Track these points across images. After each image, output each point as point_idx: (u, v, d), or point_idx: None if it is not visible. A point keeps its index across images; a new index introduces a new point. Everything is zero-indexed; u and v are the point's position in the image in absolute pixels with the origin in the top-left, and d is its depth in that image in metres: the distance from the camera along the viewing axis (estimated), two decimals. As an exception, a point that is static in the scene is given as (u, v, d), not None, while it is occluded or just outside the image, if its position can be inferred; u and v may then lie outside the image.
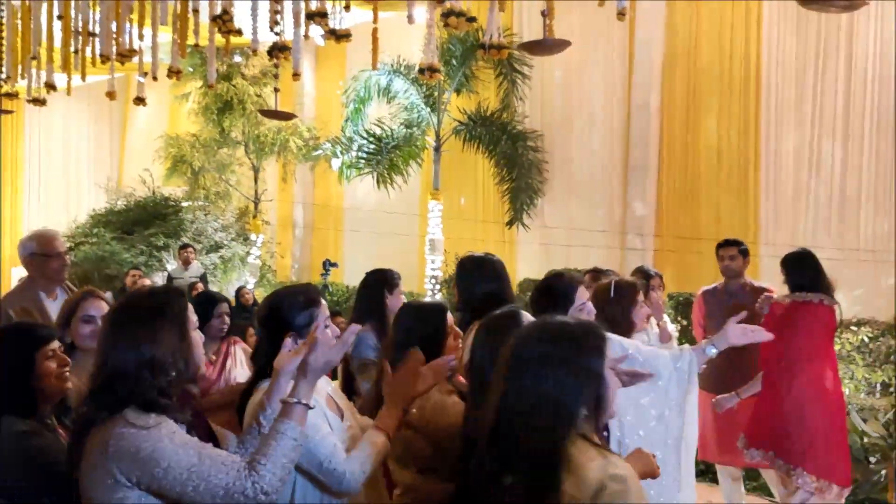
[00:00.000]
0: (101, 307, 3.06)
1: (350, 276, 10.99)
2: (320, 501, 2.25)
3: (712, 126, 9.03)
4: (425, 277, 10.16)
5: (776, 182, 8.62)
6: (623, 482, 1.59)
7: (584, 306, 3.07)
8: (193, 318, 2.01)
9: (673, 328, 4.84)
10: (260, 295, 10.52)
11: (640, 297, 3.34)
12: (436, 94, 9.86)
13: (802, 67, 8.41)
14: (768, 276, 5.25)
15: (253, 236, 12.68)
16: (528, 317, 2.42)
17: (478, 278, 3.39)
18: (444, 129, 10.04)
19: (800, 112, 8.46)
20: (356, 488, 2.20)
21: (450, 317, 2.84)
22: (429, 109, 9.93)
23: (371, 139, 10.05)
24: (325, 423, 2.23)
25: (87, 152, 15.38)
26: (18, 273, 8.39)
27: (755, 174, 8.70)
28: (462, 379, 2.82)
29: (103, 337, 1.95)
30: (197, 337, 2.00)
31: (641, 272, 4.85)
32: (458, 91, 9.92)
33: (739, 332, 2.87)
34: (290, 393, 1.94)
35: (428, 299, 8.29)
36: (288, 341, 2.31)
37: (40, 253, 3.85)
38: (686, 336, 6.77)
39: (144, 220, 12.37)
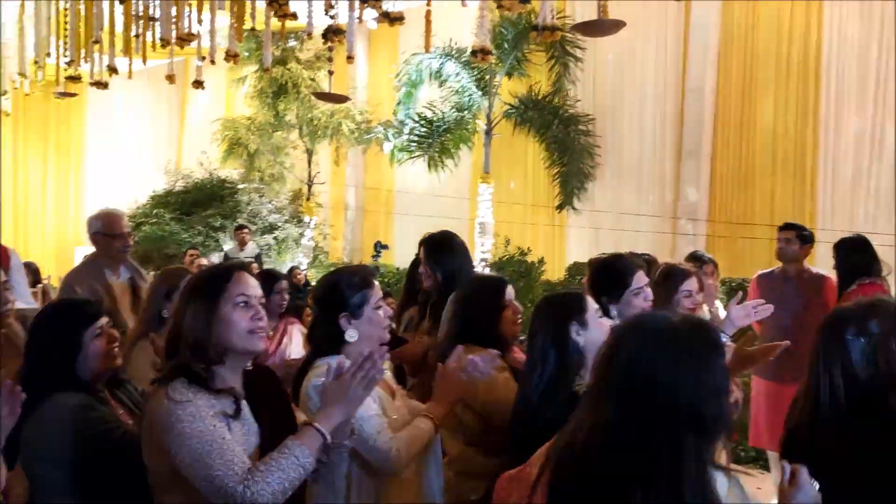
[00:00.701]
0: None
1: (400, 258, 11.08)
2: (371, 482, 2.30)
3: (769, 109, 8.85)
4: (475, 261, 10.18)
5: (835, 167, 8.42)
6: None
7: (641, 291, 2.98)
8: (257, 292, 2.02)
9: (724, 314, 4.77)
10: (312, 276, 10.70)
11: (691, 284, 3.28)
12: (487, 77, 9.85)
13: (865, 50, 8.17)
14: (824, 263, 5.13)
15: (306, 218, 12.87)
16: (589, 301, 2.44)
17: (447, 255, 3.35)
18: (495, 112, 10.03)
19: (861, 95, 8.23)
20: (399, 468, 2.25)
21: (509, 291, 2.88)
22: (480, 93, 9.92)
23: (422, 123, 10.10)
24: (375, 403, 2.27)
25: (147, 135, 15.76)
26: (82, 252, 8.68)
27: (813, 159, 8.52)
28: (518, 356, 2.85)
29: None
30: (232, 314, 1.96)
31: (695, 258, 4.79)
32: (509, 74, 9.89)
33: (742, 314, 2.86)
34: (318, 413, 1.94)
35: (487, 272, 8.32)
36: (342, 321, 2.39)
37: (105, 232, 3.99)
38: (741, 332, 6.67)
39: (202, 202, 12.65)
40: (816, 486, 1.63)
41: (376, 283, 2.51)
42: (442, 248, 3.37)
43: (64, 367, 2.30)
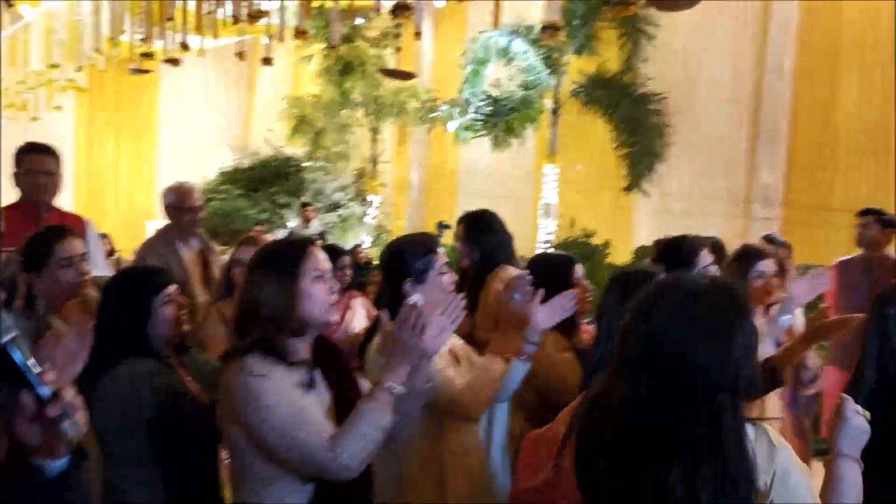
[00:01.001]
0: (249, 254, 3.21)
1: (463, 238, 11.04)
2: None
3: (852, 90, 8.47)
4: (537, 243, 10.10)
5: (921, 150, 8.01)
6: (787, 457, 1.48)
7: (706, 270, 2.97)
8: (329, 266, 2.04)
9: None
10: (375, 254, 10.76)
11: (766, 266, 3.18)
12: (555, 55, 9.69)
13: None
14: (910, 251, 4.93)
15: (370, 197, 12.95)
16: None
17: (485, 233, 3.30)
18: (562, 91, 9.87)
19: (953, 74, 7.80)
20: (471, 410, 2.30)
21: (578, 269, 2.83)
22: (548, 71, 9.76)
23: (488, 101, 9.99)
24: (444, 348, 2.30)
25: (216, 112, 16.05)
26: (154, 226, 8.90)
27: (898, 141, 8.12)
28: (587, 335, 2.81)
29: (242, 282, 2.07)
30: (311, 288, 1.97)
31: (769, 240, 4.64)
32: (578, 52, 9.70)
33: (806, 288, 2.78)
34: (383, 371, 1.92)
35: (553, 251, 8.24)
36: (407, 286, 2.41)
37: (177, 206, 4.07)
38: (814, 309, 6.44)
39: (268, 179, 12.83)
40: (867, 415, 1.66)
41: (441, 249, 2.53)
42: (480, 227, 3.32)
43: (134, 333, 2.33)
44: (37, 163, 3.66)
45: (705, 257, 3.00)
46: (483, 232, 3.29)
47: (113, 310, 2.37)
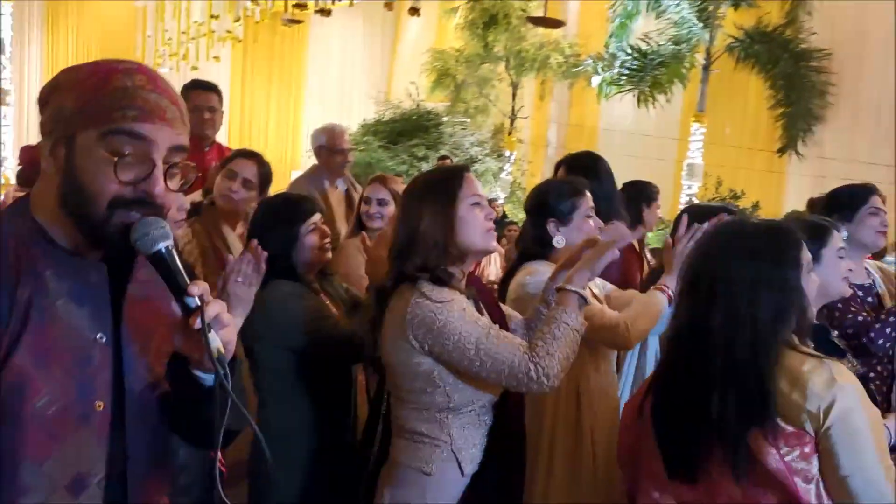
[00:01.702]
0: (376, 191, 3.29)
1: (601, 197, 10.81)
2: None
3: None
4: (679, 204, 9.74)
5: None
6: (852, 395, 1.51)
7: (878, 212, 2.85)
8: (482, 192, 2.01)
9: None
10: (508, 210, 10.74)
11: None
12: (710, 7, 9.19)
13: None
14: None
15: (506, 153, 12.89)
16: (835, 236, 2.27)
17: (591, 181, 2.75)
18: (716, 46, 9.38)
19: None
20: (627, 340, 2.32)
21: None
22: (701, 25, 9.29)
23: (635, 55, 9.65)
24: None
25: (360, 64, 16.36)
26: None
27: None
28: None
29: (397, 212, 2.08)
30: (469, 214, 1.95)
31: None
32: (735, 5, 9.17)
33: None
34: (567, 280, 1.95)
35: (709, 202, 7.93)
36: (550, 227, 2.43)
37: (327, 147, 4.19)
38: None
39: (408, 132, 12.99)
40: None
41: (588, 193, 2.47)
42: (586, 172, 2.85)
43: (280, 257, 2.38)
44: (202, 98, 3.88)
45: (877, 201, 2.84)
46: (588, 179, 2.78)
47: (261, 234, 2.43)
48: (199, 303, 1.15)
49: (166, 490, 1.37)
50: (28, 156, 5.77)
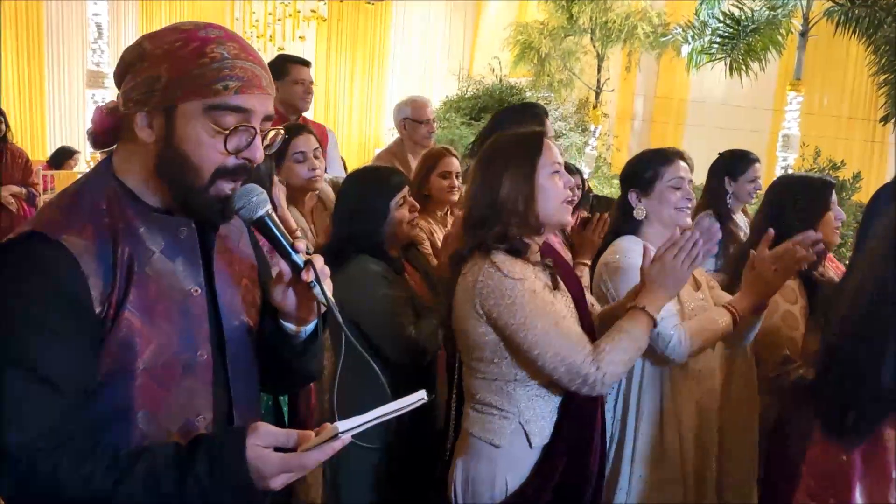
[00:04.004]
0: (454, 165, 3.27)
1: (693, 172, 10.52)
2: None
3: None
4: (774, 177, 9.36)
5: None
6: None
7: None
8: (561, 159, 1.95)
9: None
10: (594, 185, 10.54)
11: None
12: (808, -30, 8.74)
13: None
14: None
15: (591, 127, 12.65)
16: None
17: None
18: (814, 10, 8.91)
19: None
20: (680, 356, 2.14)
21: (835, 196, 2.60)
22: (798, -12, 8.85)
23: (727, 22, 9.26)
24: None
25: (442, 41, 16.33)
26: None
27: None
28: (829, 274, 2.60)
29: (470, 180, 2.02)
30: (548, 182, 1.91)
31: None
32: (835, -34, 8.68)
33: None
34: (639, 298, 1.88)
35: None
36: (632, 196, 2.37)
37: (412, 118, 4.20)
38: None
39: (490, 107, 12.89)
40: None
41: (678, 161, 2.38)
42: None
43: (369, 232, 2.41)
44: (304, 73, 3.97)
45: None
46: None
47: (351, 208, 2.46)
48: (306, 259, 1.24)
49: None
50: (101, 118, 5.97)
